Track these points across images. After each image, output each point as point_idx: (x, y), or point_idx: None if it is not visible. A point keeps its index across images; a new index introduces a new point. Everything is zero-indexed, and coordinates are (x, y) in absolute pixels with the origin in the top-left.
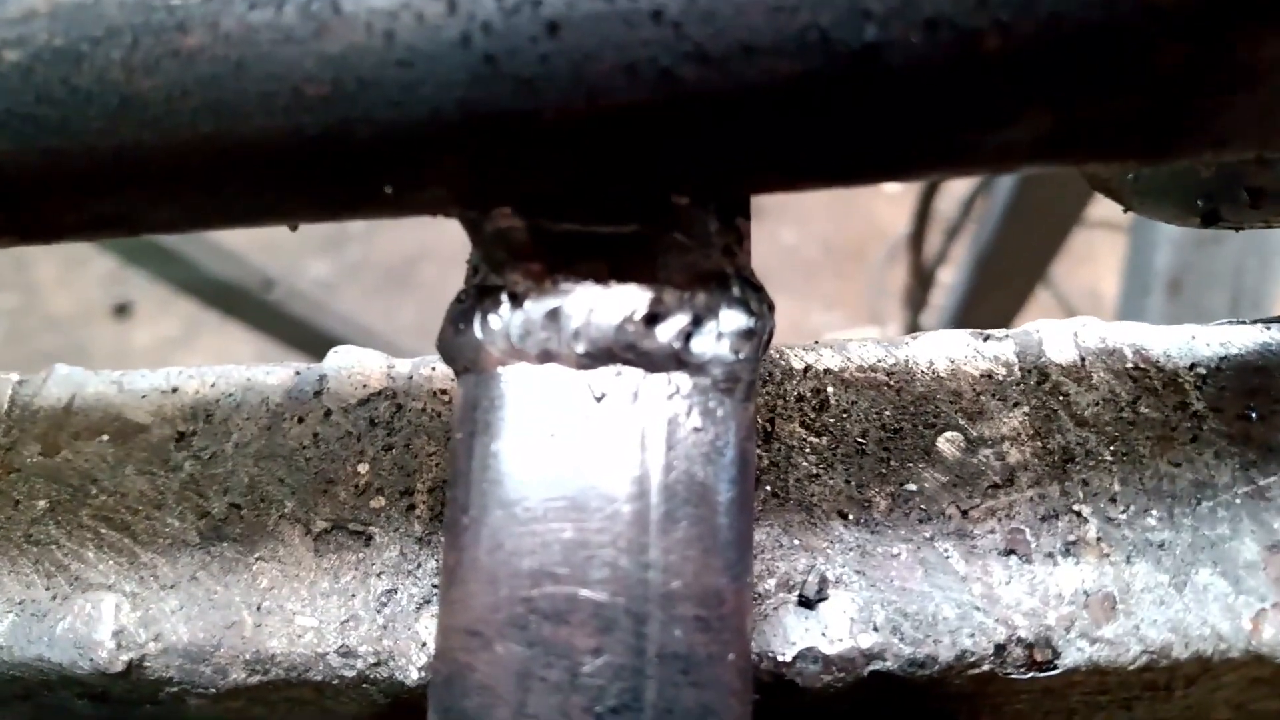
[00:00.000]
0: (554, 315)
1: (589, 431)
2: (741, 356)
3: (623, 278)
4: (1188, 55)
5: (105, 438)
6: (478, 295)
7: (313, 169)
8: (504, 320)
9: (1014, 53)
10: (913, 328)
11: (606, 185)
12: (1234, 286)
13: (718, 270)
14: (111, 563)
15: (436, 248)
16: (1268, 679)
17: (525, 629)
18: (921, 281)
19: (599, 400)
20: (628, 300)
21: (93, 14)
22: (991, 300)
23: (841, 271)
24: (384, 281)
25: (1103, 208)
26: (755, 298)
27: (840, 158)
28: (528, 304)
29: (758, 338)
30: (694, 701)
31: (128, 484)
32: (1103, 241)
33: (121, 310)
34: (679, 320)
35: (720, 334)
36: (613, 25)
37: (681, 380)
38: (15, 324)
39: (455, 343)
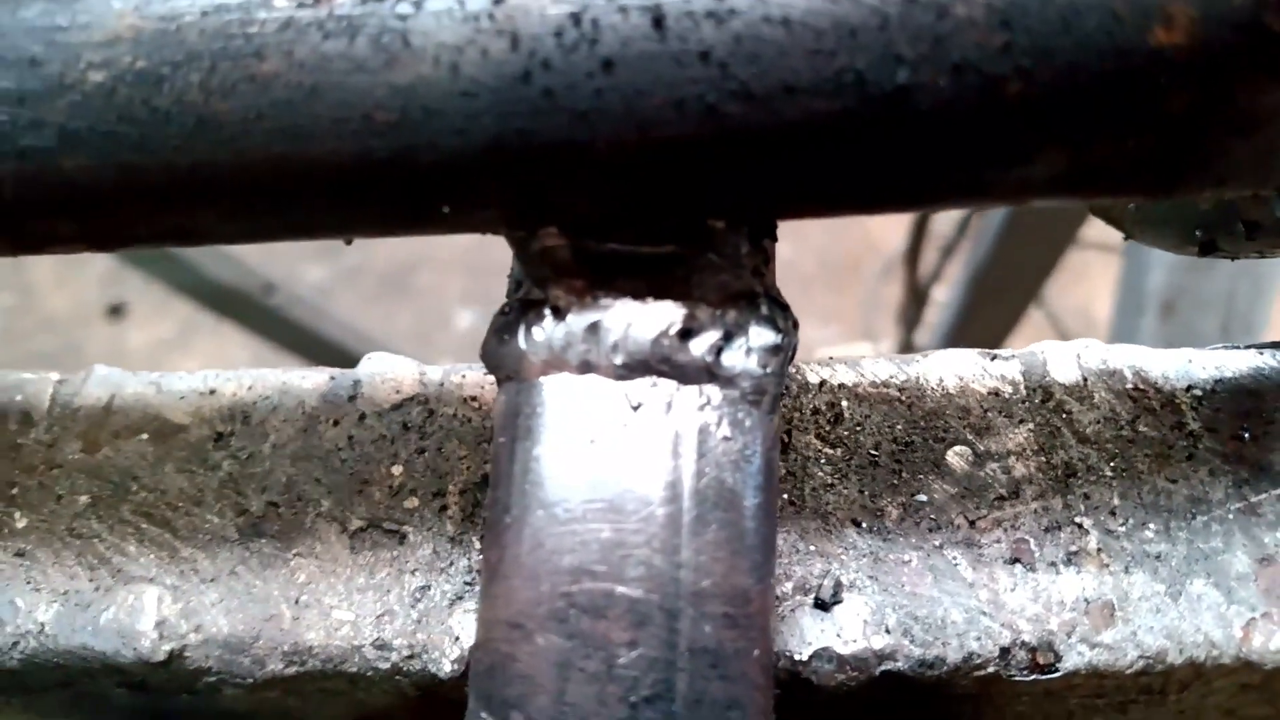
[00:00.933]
0: (594, 329)
1: (626, 438)
2: (769, 370)
3: (659, 295)
4: (1193, 102)
5: (145, 436)
6: (521, 309)
7: (377, 190)
8: (547, 332)
9: (1034, 97)
10: (907, 345)
11: (651, 211)
12: (1226, 310)
13: (748, 290)
14: (153, 556)
15: (433, 255)
16: (1257, 685)
17: (565, 622)
18: (916, 298)
19: (635, 409)
20: (664, 316)
21: (174, 39)
22: (985, 318)
23: (837, 287)
24: (381, 288)
25: (1097, 229)
26: (781, 316)
27: (868, 189)
28: (570, 317)
29: (783, 353)
30: (722, 693)
31: (167, 481)
32: (1096, 262)
33: (116, 311)
34: (711, 335)
35: (749, 349)
36: (664, 64)
37: (713, 392)
38: (11, 324)
39: (499, 352)
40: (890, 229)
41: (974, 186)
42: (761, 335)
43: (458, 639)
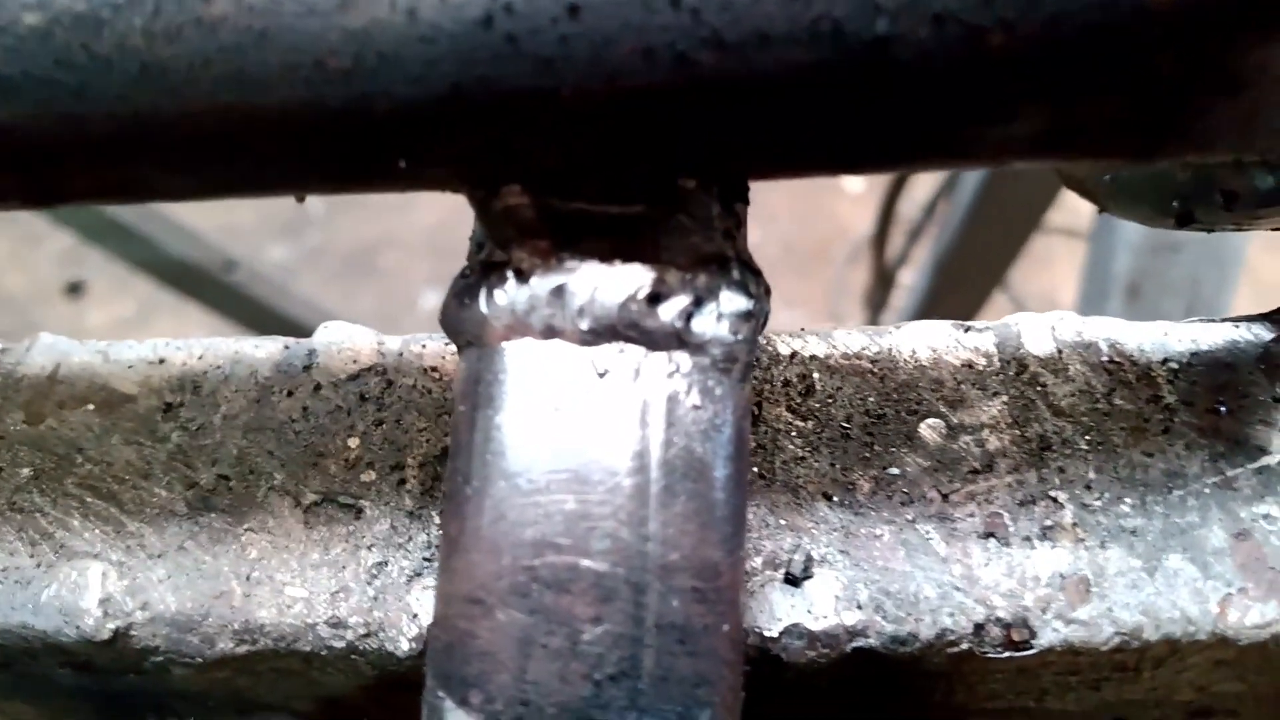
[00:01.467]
0: (559, 292)
1: (591, 406)
2: (740, 337)
3: (627, 257)
4: (1179, 61)
5: (91, 407)
6: (483, 271)
7: (330, 141)
8: (509, 296)
9: (1017, 50)
10: None
11: (618, 165)
12: (1190, 294)
13: (719, 253)
14: (98, 531)
15: (397, 236)
16: (1230, 661)
17: (527, 597)
18: (883, 282)
19: (602, 376)
20: (631, 279)
21: None
22: (951, 302)
23: (804, 270)
24: (343, 267)
25: (1062, 214)
26: (754, 281)
27: (844, 146)
28: (534, 280)
29: (755, 320)
30: (690, 670)
31: (114, 453)
32: (1060, 248)
33: (75, 289)
34: (681, 300)
35: (720, 315)
36: (632, 9)
37: (682, 359)
38: None
39: (459, 317)
40: (857, 213)
41: (953, 144)
42: (733, 300)
43: (416, 616)
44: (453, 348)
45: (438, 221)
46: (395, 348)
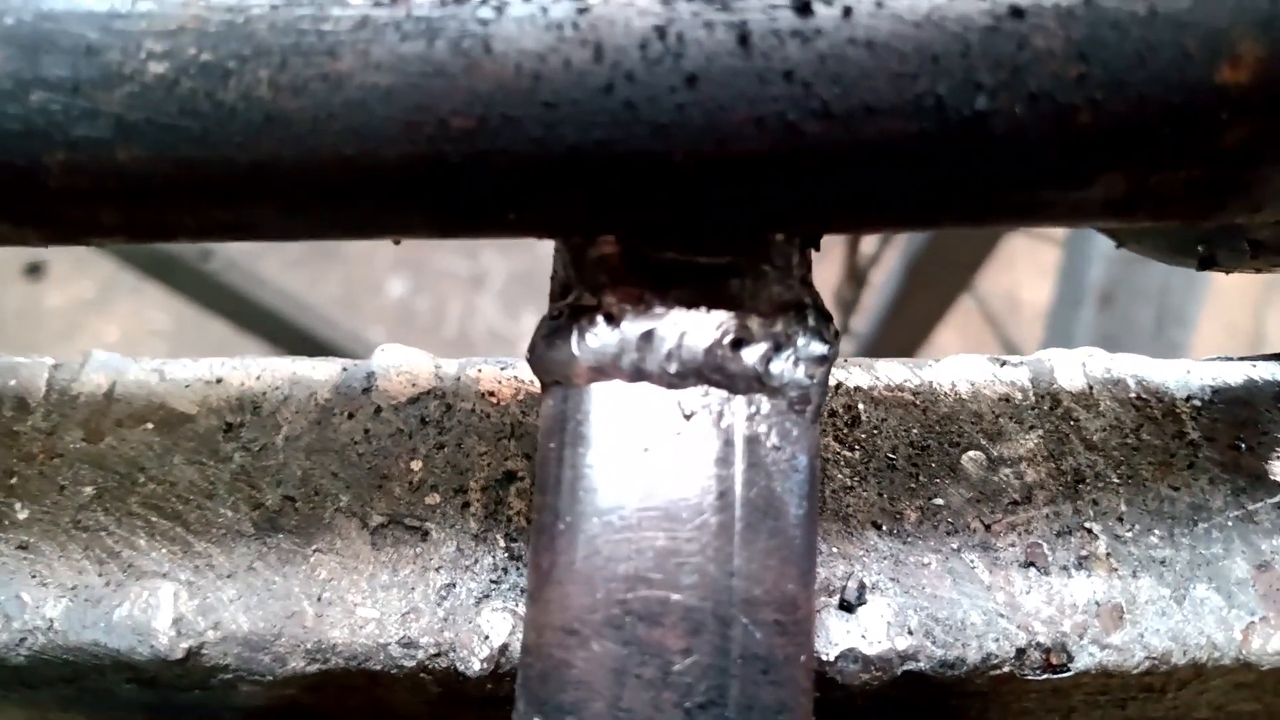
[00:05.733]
0: (648, 336)
1: (678, 446)
2: (815, 380)
3: (713, 304)
4: (1248, 135)
5: (150, 426)
6: (572, 314)
7: (445, 194)
8: (600, 339)
9: (1102, 126)
10: (843, 327)
11: (719, 221)
12: (1160, 302)
13: (797, 300)
14: (165, 551)
15: None
16: (1250, 684)
17: (621, 629)
18: (855, 281)
19: (688, 418)
20: (717, 325)
21: (242, 32)
22: (919, 303)
23: None
24: (307, 252)
25: None
26: (826, 327)
27: (930, 207)
28: (624, 324)
29: (828, 363)
30: (773, 699)
31: (176, 473)
32: (1022, 248)
33: (34, 270)
34: (762, 345)
35: (798, 359)
36: (747, 81)
37: (762, 401)
38: None
39: (548, 356)
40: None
41: (1031, 207)
42: (809, 346)
43: (487, 638)
44: (507, 373)
45: None
46: (452, 372)
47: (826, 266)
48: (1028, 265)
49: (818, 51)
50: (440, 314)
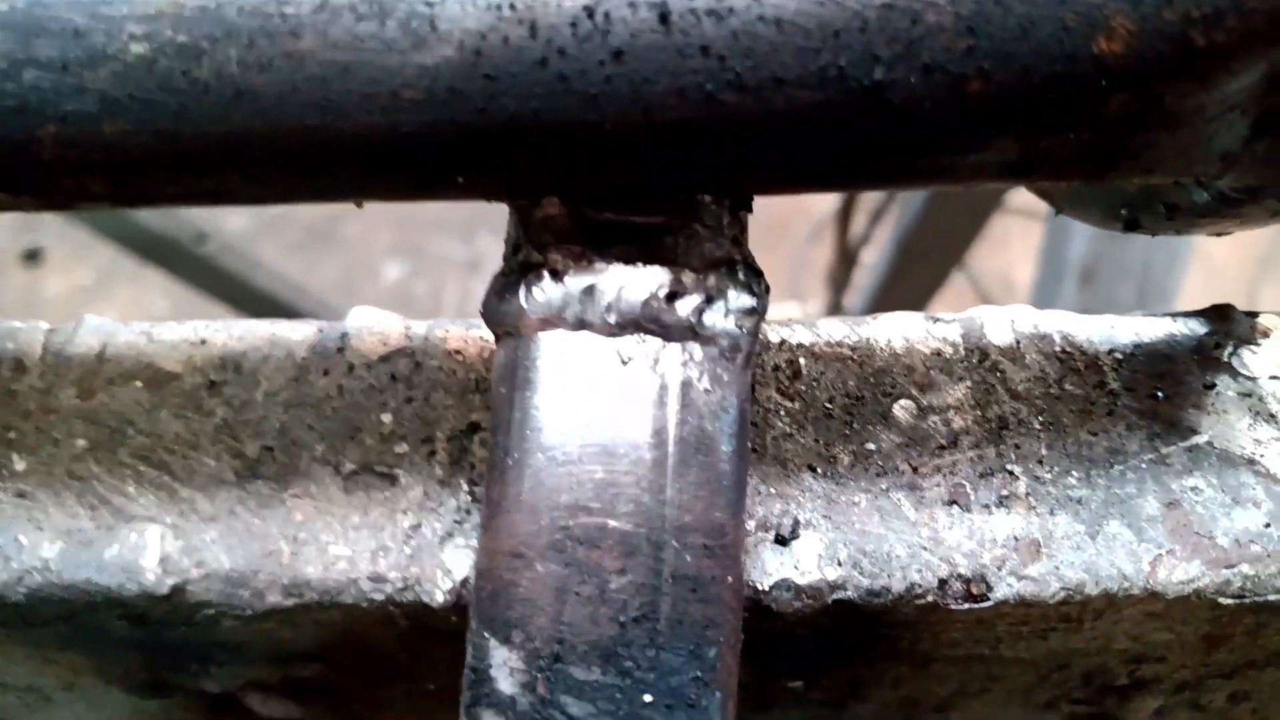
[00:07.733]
0: (590, 290)
1: (617, 389)
2: (744, 330)
3: (649, 260)
4: (1127, 102)
5: (139, 384)
6: (521, 270)
7: (399, 160)
8: (546, 293)
9: (991, 94)
10: (835, 306)
11: (648, 184)
12: (1142, 278)
13: (727, 257)
14: (152, 497)
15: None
16: (1159, 613)
17: (563, 552)
18: (845, 261)
19: (626, 363)
20: (653, 280)
21: (214, 16)
22: (911, 282)
23: (766, 246)
24: (305, 237)
25: (1020, 196)
26: (756, 281)
27: (841, 170)
28: (567, 280)
29: (758, 315)
30: (700, 615)
31: (163, 427)
32: (1017, 228)
33: (32, 257)
34: (694, 298)
35: (728, 311)
36: (668, 55)
37: (695, 349)
38: None
39: (499, 310)
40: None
41: (934, 170)
42: (739, 299)
43: (450, 572)
44: (473, 333)
45: None
46: (421, 332)
47: (818, 247)
48: (1022, 244)
49: (731, 28)
50: (437, 297)
